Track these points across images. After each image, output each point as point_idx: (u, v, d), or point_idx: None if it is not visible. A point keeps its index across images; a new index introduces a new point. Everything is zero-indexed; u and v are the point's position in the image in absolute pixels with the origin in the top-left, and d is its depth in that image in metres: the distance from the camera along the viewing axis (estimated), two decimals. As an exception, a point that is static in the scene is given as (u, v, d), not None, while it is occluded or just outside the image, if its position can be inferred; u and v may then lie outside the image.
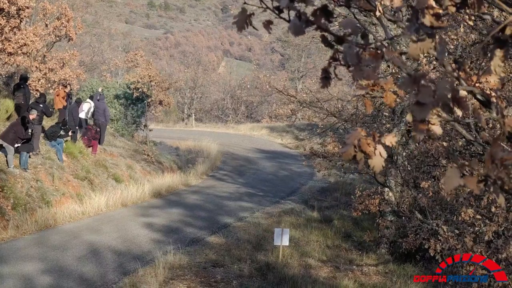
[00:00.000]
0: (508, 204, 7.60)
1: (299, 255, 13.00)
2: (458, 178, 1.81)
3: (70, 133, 17.69)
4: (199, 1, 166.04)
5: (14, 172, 14.17)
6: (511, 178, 1.76)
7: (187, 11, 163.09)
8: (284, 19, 2.07)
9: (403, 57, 1.86)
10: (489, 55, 1.92)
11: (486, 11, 2.05)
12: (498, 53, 1.86)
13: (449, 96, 1.75)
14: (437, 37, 1.79)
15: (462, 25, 6.68)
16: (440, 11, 1.80)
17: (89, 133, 19.33)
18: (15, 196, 13.40)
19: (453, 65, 2.01)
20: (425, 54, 1.79)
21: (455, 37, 6.83)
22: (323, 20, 1.91)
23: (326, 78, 2.10)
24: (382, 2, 2.23)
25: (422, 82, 1.76)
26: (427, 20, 1.77)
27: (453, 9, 1.85)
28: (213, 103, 57.51)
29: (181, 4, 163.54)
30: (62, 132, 17.11)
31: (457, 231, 7.47)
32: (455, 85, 1.78)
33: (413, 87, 1.77)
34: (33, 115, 15.48)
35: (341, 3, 2.24)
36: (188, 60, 61.35)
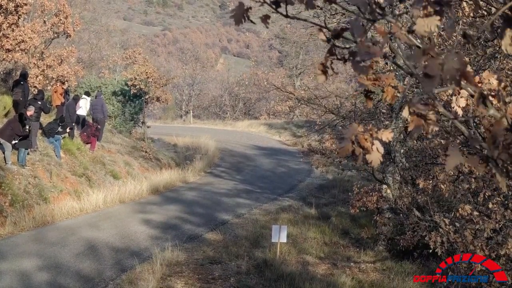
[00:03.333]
0: (506, 201, 7.62)
1: (297, 252, 13.00)
2: (460, 156, 1.80)
3: (68, 130, 17.68)
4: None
5: (12, 168, 14.16)
6: None
7: (185, 8, 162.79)
8: (281, 13, 2.09)
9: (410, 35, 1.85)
10: (498, 33, 1.91)
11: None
12: (509, 32, 1.85)
13: (456, 69, 1.74)
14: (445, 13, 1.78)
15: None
16: None
17: (89, 130, 19.30)
18: (13, 193, 13.39)
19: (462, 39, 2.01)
20: (433, 31, 1.78)
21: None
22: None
23: (323, 72, 2.10)
24: None
25: (431, 54, 1.75)
26: None
27: None
28: (211, 100, 57.27)
29: (179, 1, 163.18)
30: (60, 129, 17.09)
31: (457, 224, 7.48)
32: (463, 59, 1.78)
33: (421, 59, 1.77)
34: (30, 111, 15.46)
35: None
36: (186, 57, 61.16)
